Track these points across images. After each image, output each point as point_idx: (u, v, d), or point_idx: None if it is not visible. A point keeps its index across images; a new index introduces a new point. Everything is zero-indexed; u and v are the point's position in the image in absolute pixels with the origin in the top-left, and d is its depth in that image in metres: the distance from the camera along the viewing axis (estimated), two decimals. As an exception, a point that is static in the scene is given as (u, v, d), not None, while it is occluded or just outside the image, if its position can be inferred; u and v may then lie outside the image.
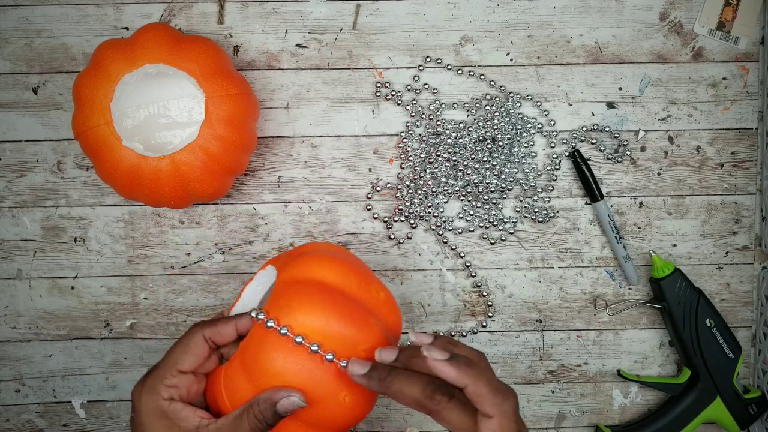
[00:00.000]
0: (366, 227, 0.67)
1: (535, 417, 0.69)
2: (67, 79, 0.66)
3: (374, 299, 0.49)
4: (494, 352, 0.68)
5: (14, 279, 0.67)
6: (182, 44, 0.57)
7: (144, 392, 0.45)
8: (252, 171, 0.67)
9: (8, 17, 0.65)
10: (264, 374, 0.45)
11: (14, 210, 0.66)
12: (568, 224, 0.68)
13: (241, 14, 0.66)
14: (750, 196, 0.68)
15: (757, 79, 0.67)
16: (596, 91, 0.67)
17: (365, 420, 0.68)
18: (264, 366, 0.45)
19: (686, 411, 0.65)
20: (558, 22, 0.67)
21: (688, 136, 0.68)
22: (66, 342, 0.68)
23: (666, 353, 0.69)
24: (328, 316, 0.45)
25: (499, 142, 0.66)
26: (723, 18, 0.67)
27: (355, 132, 0.67)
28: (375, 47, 0.66)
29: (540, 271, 0.68)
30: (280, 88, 0.66)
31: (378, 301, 0.49)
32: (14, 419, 0.68)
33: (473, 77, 0.67)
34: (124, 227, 0.67)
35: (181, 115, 0.56)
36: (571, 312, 0.68)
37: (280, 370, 0.44)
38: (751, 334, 0.69)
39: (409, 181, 0.67)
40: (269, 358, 0.45)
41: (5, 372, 0.68)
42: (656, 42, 0.67)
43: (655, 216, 0.68)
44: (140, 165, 0.56)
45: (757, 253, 0.68)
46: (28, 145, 0.66)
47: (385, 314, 0.50)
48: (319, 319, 0.45)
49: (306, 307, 0.45)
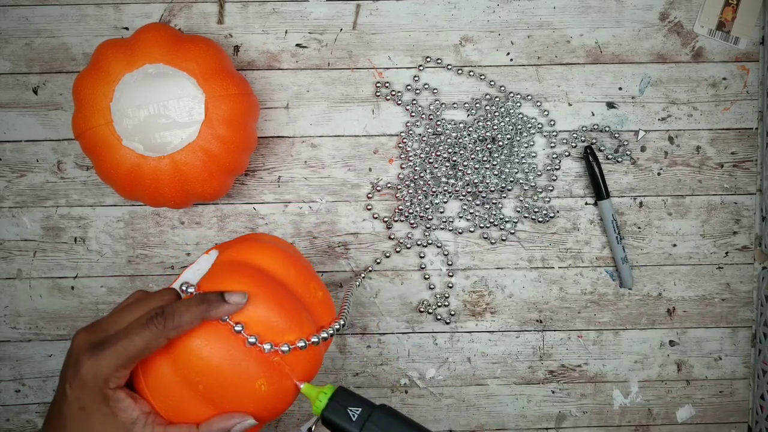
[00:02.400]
0: (366, 227, 0.67)
1: (535, 417, 0.69)
2: (67, 79, 0.66)
3: (311, 296, 0.49)
4: (494, 352, 0.68)
5: (14, 279, 0.67)
6: (182, 44, 0.57)
7: (92, 374, 0.42)
8: (252, 171, 0.67)
9: (8, 17, 0.65)
10: (183, 349, 0.43)
11: (14, 210, 0.66)
12: (568, 224, 0.68)
13: (241, 14, 0.66)
14: (750, 196, 0.68)
15: (757, 79, 0.67)
16: (596, 91, 0.67)
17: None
18: (184, 340, 0.44)
19: None
20: (558, 22, 0.67)
21: (688, 136, 0.68)
22: (66, 342, 0.67)
23: (666, 353, 0.69)
24: (259, 300, 0.45)
25: (499, 142, 0.66)
26: (723, 18, 0.67)
27: (355, 132, 0.67)
28: (375, 47, 0.66)
29: (540, 271, 0.68)
30: (280, 88, 0.66)
31: (315, 299, 0.49)
32: (14, 419, 0.68)
33: (473, 77, 0.67)
34: (124, 227, 0.67)
35: (181, 115, 0.56)
36: (571, 312, 0.68)
37: (200, 344, 0.43)
38: (751, 334, 0.69)
39: (409, 181, 0.67)
40: (196, 339, 0.44)
41: (5, 372, 0.68)
42: (656, 42, 0.67)
43: (655, 216, 0.68)
44: (140, 165, 0.56)
45: (757, 253, 0.68)
46: (28, 145, 0.66)
47: (319, 313, 0.49)
48: (249, 301, 0.44)
49: (238, 288, 0.45)
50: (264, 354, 0.44)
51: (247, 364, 0.44)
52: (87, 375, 0.42)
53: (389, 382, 0.68)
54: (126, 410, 0.43)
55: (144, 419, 0.43)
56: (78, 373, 0.42)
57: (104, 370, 0.42)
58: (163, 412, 0.44)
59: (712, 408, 0.69)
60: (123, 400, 0.43)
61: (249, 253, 0.48)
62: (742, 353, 0.69)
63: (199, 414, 0.44)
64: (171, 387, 0.44)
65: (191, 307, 0.43)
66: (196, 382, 0.43)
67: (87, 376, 0.42)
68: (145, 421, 0.43)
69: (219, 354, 0.43)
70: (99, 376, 0.42)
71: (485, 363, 0.69)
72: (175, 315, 0.43)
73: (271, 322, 0.45)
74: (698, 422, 0.70)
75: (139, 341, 0.42)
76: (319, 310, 0.49)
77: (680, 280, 0.68)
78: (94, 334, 0.44)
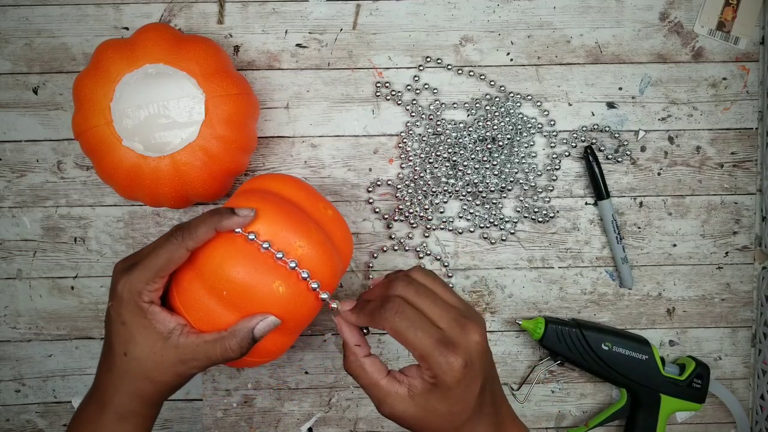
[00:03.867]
0: (366, 227, 0.67)
1: (535, 417, 0.69)
2: (67, 79, 0.66)
3: (321, 214, 0.53)
4: (494, 352, 0.68)
5: (14, 279, 0.67)
6: (182, 44, 0.57)
7: (127, 290, 0.47)
8: (252, 171, 0.67)
9: (8, 17, 0.65)
10: (207, 262, 0.48)
11: (14, 210, 0.66)
12: (568, 224, 0.68)
13: (241, 14, 0.66)
14: (750, 196, 0.68)
15: (757, 79, 0.67)
16: (596, 91, 0.67)
17: (365, 420, 0.68)
18: (208, 255, 0.48)
19: (645, 425, 0.65)
20: (558, 22, 0.67)
21: (688, 136, 0.68)
22: (66, 342, 0.68)
23: (666, 353, 0.69)
24: (268, 213, 0.49)
25: (499, 142, 0.66)
26: (723, 18, 0.67)
27: (355, 132, 0.67)
28: (375, 47, 0.66)
29: (540, 271, 0.68)
30: (280, 88, 0.66)
31: (325, 216, 0.53)
32: (14, 419, 0.68)
33: (473, 77, 0.67)
34: (124, 227, 0.67)
35: (181, 115, 0.56)
36: (571, 312, 0.68)
37: (220, 254, 0.48)
38: (751, 334, 0.69)
39: (409, 181, 0.67)
40: (217, 251, 0.48)
41: (5, 372, 0.68)
42: (656, 42, 0.67)
43: (655, 216, 0.68)
44: (140, 165, 0.56)
45: (757, 253, 0.68)
46: (28, 145, 0.66)
47: (331, 229, 0.53)
48: (259, 214, 0.49)
49: (247, 205, 0.50)
50: (278, 261, 0.49)
51: (263, 268, 0.48)
52: (123, 291, 0.47)
53: (389, 382, 0.68)
54: (162, 322, 0.48)
55: (180, 329, 0.48)
56: (116, 292, 0.48)
57: (137, 284, 0.47)
58: (197, 325, 0.49)
59: (712, 408, 0.69)
60: (159, 313, 0.48)
61: (260, 181, 0.54)
62: (742, 353, 0.69)
63: (227, 322, 0.49)
64: (200, 299, 0.49)
65: (205, 220, 0.48)
66: (220, 290, 0.48)
67: (123, 292, 0.47)
68: (181, 331, 0.48)
69: (237, 261, 0.48)
70: (133, 290, 0.47)
71: (485, 363, 0.69)
72: (191, 227, 0.47)
73: (280, 231, 0.49)
74: (698, 422, 0.70)
75: (163, 253, 0.47)
76: (331, 226, 0.54)
77: (680, 280, 0.68)
78: (128, 260, 0.49)
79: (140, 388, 0.49)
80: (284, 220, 0.50)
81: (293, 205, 0.52)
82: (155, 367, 0.48)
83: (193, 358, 0.48)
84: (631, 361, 0.64)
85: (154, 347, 0.48)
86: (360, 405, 0.68)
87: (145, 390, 0.49)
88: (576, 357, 0.65)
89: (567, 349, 0.64)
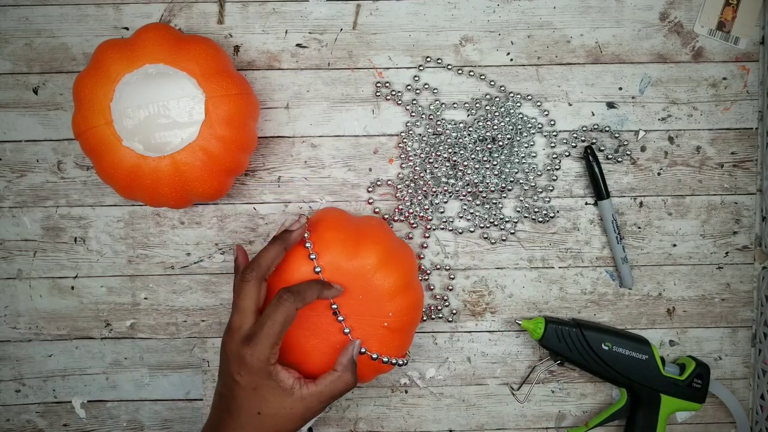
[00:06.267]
0: (366, 227, 0.67)
1: (535, 417, 0.69)
2: (67, 79, 0.66)
3: None
4: (494, 352, 0.68)
5: (14, 279, 0.67)
6: (182, 44, 0.57)
7: (256, 359, 0.52)
8: (252, 171, 0.67)
9: (8, 17, 0.65)
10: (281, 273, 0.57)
11: (14, 210, 0.66)
12: (568, 224, 0.68)
13: (241, 14, 0.66)
14: (750, 196, 0.68)
15: (757, 79, 0.67)
16: (596, 91, 0.67)
17: (365, 420, 0.68)
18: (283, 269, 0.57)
19: (645, 424, 0.65)
20: (558, 22, 0.67)
21: (688, 136, 0.68)
22: (66, 342, 0.68)
23: (666, 353, 0.69)
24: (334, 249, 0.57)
25: (499, 142, 0.66)
26: (723, 18, 0.67)
27: (355, 132, 0.67)
28: (375, 47, 0.66)
29: (540, 271, 0.68)
30: (280, 88, 0.66)
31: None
32: (14, 419, 0.68)
33: (473, 77, 0.67)
34: (124, 227, 0.67)
35: (181, 115, 0.56)
36: (571, 312, 0.68)
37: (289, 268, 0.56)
38: (751, 334, 0.69)
39: (409, 181, 0.67)
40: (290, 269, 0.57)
41: (5, 372, 0.68)
42: (656, 42, 0.67)
43: (655, 216, 0.68)
44: (140, 165, 0.56)
45: (757, 253, 0.69)
46: (28, 145, 0.66)
47: None
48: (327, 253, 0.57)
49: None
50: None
51: None
52: (252, 361, 0.52)
53: (389, 381, 0.68)
54: (285, 380, 0.53)
55: (299, 383, 0.54)
56: (245, 363, 0.52)
57: (264, 352, 0.51)
58: (287, 360, 0.57)
59: (712, 408, 0.69)
60: (281, 371, 0.53)
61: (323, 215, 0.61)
62: (742, 353, 0.69)
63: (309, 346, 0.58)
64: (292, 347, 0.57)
65: (312, 286, 0.54)
66: None
67: (252, 362, 0.52)
68: (300, 384, 0.54)
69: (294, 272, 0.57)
70: (262, 358, 0.52)
71: (485, 363, 0.69)
72: (301, 292, 0.53)
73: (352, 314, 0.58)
74: (698, 422, 0.70)
75: (279, 317, 0.52)
76: None
77: (680, 280, 0.68)
78: (238, 333, 0.53)
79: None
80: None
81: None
82: (286, 421, 0.53)
83: (318, 401, 0.54)
84: (631, 361, 0.64)
85: (284, 403, 0.53)
86: (360, 405, 0.68)
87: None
88: (576, 357, 0.65)
89: (567, 349, 0.64)
